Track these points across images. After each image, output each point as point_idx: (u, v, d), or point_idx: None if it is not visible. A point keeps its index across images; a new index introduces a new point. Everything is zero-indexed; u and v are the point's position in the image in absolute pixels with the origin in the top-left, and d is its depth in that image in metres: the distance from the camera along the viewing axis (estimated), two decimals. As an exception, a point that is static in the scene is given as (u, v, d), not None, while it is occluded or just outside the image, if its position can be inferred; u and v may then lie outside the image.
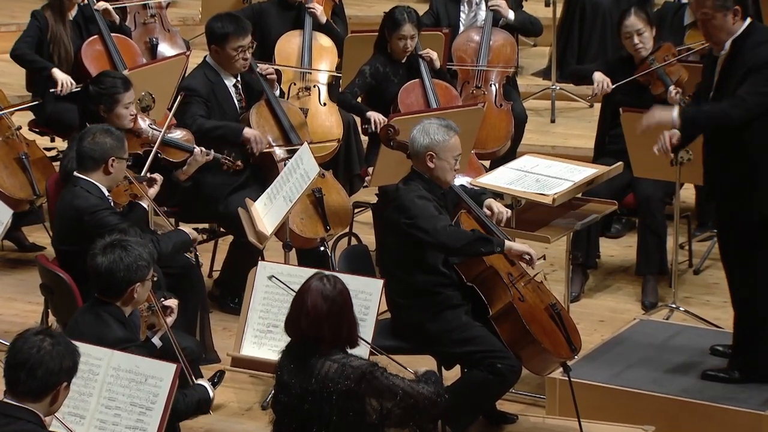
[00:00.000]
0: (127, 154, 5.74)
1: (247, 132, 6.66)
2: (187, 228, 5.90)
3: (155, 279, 4.97)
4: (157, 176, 5.97)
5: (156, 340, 5.05)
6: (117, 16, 7.54)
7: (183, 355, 4.87)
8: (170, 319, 5.17)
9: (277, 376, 4.34)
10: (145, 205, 5.85)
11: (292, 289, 5.08)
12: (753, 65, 5.49)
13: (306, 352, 4.25)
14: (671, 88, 6.85)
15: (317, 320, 4.24)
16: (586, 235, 6.87)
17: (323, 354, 4.23)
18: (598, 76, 6.95)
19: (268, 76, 6.92)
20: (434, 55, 7.20)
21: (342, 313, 4.28)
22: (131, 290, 4.79)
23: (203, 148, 6.41)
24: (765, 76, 5.46)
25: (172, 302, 5.16)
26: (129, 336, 4.78)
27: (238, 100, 6.84)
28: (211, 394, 4.85)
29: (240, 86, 6.86)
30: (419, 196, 5.33)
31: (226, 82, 6.80)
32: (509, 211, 5.68)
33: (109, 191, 5.69)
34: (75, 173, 5.68)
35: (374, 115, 6.95)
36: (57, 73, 7.18)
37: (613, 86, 6.82)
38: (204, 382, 4.92)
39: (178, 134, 6.52)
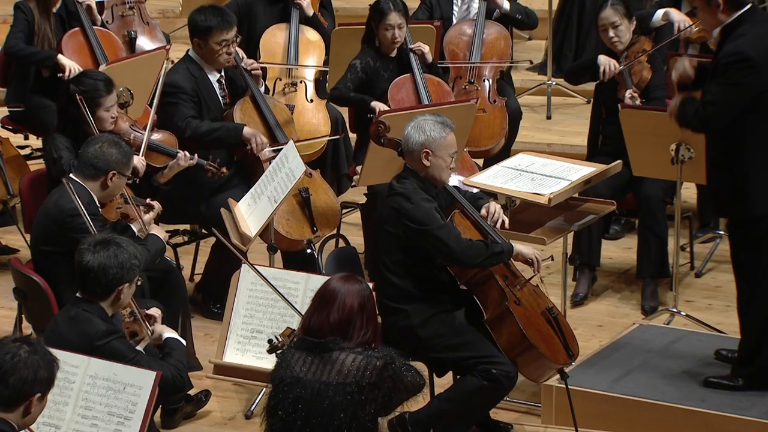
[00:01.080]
0: (130, 171, 5.71)
1: (247, 132, 6.64)
2: (157, 230, 5.87)
3: (140, 283, 4.96)
4: (156, 204, 5.93)
5: (140, 350, 5.04)
6: (99, 17, 7.54)
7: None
8: (156, 326, 5.16)
9: (281, 374, 4.31)
10: (135, 230, 5.83)
11: (267, 282, 5.08)
12: (718, 62, 5.49)
13: (327, 346, 4.29)
14: (629, 91, 6.77)
15: (351, 315, 4.31)
16: (587, 236, 6.87)
17: (345, 347, 4.30)
18: (603, 57, 6.90)
19: (253, 72, 6.92)
20: (426, 48, 7.20)
21: (373, 314, 4.39)
22: (119, 290, 4.81)
23: (186, 153, 6.40)
24: (724, 78, 5.42)
25: (156, 311, 5.15)
26: (112, 328, 4.78)
27: (221, 96, 6.83)
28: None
29: (224, 81, 6.85)
30: (422, 198, 5.34)
31: (210, 76, 6.79)
32: (506, 220, 5.67)
33: (100, 204, 5.68)
34: (71, 175, 5.66)
35: (379, 105, 6.94)
36: (63, 59, 7.15)
37: (621, 66, 6.78)
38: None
39: (159, 137, 6.50)
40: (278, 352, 4.41)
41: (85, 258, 4.81)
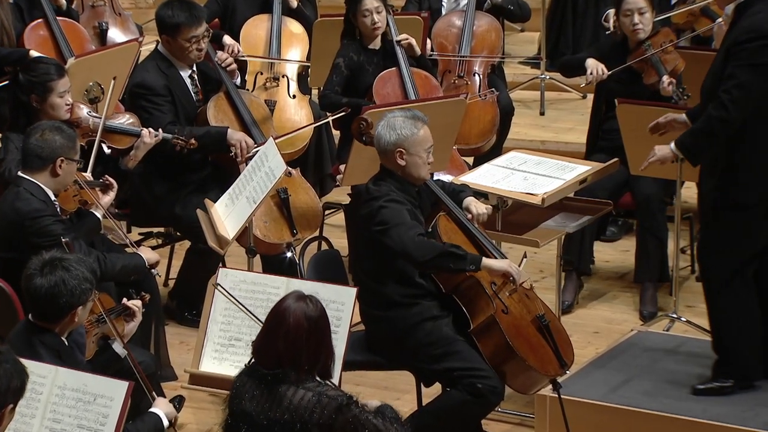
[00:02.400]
0: (79, 155, 5.68)
1: (233, 136, 6.61)
2: (147, 252, 5.86)
3: (96, 296, 4.90)
4: (112, 181, 5.91)
5: (118, 348, 5.02)
6: (64, 2, 7.51)
7: (140, 368, 4.84)
8: (132, 325, 5.14)
9: (232, 404, 4.30)
10: (99, 215, 5.80)
11: (239, 303, 5.08)
12: (732, 43, 5.42)
13: (276, 379, 4.24)
14: (665, 77, 6.85)
15: (297, 342, 4.24)
16: (579, 238, 6.89)
17: (296, 381, 4.22)
18: (591, 61, 6.96)
19: (228, 68, 6.89)
20: (413, 40, 7.21)
21: (323, 338, 4.29)
22: (72, 314, 4.73)
23: (151, 129, 6.35)
24: (744, 58, 5.36)
25: (133, 303, 5.13)
26: None
27: (194, 93, 6.82)
28: (165, 423, 4.75)
29: (196, 77, 6.84)
30: (391, 199, 5.33)
31: (181, 73, 6.77)
32: (489, 208, 5.67)
33: (55, 195, 5.64)
34: (19, 173, 5.63)
35: None
36: (35, 54, 7.11)
37: (609, 72, 6.84)
38: (159, 408, 4.77)
39: (121, 119, 6.46)
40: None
41: (32, 284, 4.68)
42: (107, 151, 6.47)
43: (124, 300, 5.21)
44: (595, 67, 6.90)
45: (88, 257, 5.17)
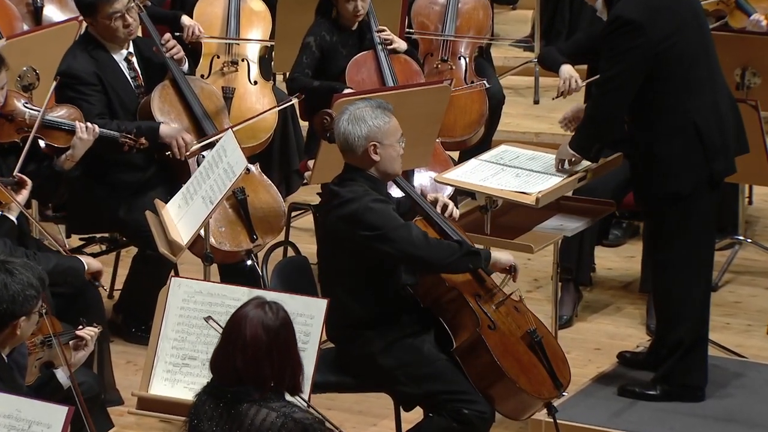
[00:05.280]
0: None
1: (165, 132, 6.58)
2: (89, 260, 5.85)
3: (44, 310, 4.89)
4: (24, 177, 5.88)
5: (62, 377, 5.02)
6: None
7: (81, 396, 4.84)
8: (81, 355, 5.14)
9: (190, 424, 4.31)
10: (13, 217, 5.79)
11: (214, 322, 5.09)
12: (604, 31, 5.86)
13: (237, 397, 4.24)
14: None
15: (257, 357, 4.23)
16: (578, 243, 6.91)
17: (259, 399, 4.22)
18: (565, 70, 6.84)
19: (175, 57, 6.85)
20: (397, 40, 7.20)
21: (288, 350, 4.28)
22: (14, 326, 4.72)
23: (87, 123, 6.33)
24: (607, 52, 5.80)
25: (88, 333, 5.13)
26: None
27: (132, 78, 6.78)
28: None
29: (135, 59, 6.81)
30: (374, 199, 5.34)
31: (114, 56, 6.74)
32: (452, 203, 5.71)
33: None
34: None
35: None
36: None
37: (583, 83, 6.80)
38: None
39: (60, 112, 6.44)
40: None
41: None
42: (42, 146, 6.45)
43: (87, 329, 5.20)
44: (568, 77, 6.79)
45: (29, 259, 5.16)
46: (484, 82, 7.58)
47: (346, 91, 6.86)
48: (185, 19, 7.42)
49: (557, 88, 6.85)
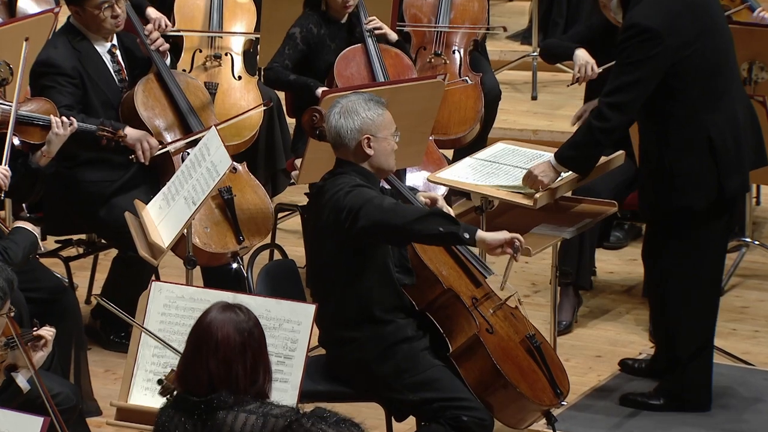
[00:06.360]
0: None
1: (130, 135, 6.54)
2: (21, 222, 5.82)
3: (13, 313, 4.89)
4: None
5: (22, 381, 5.00)
6: None
7: (53, 403, 4.83)
8: (40, 355, 5.12)
9: None
10: None
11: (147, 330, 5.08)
12: (619, 36, 5.76)
13: (210, 407, 4.23)
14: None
15: (231, 358, 4.23)
16: (577, 245, 6.92)
17: (233, 405, 4.22)
18: (580, 55, 6.87)
19: (160, 48, 6.86)
20: (387, 29, 7.20)
21: (260, 349, 4.28)
22: None
23: (63, 118, 6.33)
24: (621, 60, 5.71)
25: (47, 332, 5.12)
26: None
27: (115, 71, 6.79)
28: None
29: (119, 52, 6.81)
30: (355, 185, 5.34)
31: (98, 48, 6.75)
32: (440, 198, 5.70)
33: None
34: None
35: None
36: None
37: (600, 70, 6.82)
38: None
39: (32, 106, 6.42)
40: (170, 398, 4.36)
41: None
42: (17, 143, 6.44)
43: (44, 328, 5.19)
44: (584, 63, 6.81)
45: None
46: (466, 79, 7.58)
47: (321, 89, 6.88)
48: (150, 11, 7.38)
49: (572, 75, 6.86)
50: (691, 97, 5.73)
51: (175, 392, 4.34)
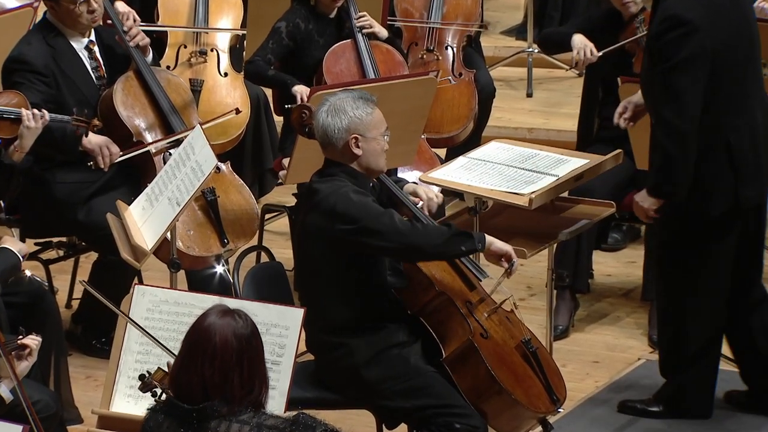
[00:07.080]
0: None
1: (91, 140, 6.50)
2: (10, 242, 5.81)
3: None
4: None
5: (5, 391, 5.00)
6: None
7: (34, 411, 4.82)
8: (25, 365, 5.12)
9: None
10: None
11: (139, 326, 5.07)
12: (650, 36, 5.67)
13: (203, 415, 4.21)
14: None
15: (227, 365, 4.22)
16: (574, 247, 6.91)
17: (227, 414, 4.21)
18: (578, 39, 6.92)
19: (140, 44, 6.83)
20: (376, 25, 7.20)
21: (257, 358, 4.28)
22: None
23: (34, 110, 6.30)
24: (664, 62, 5.57)
25: (32, 341, 5.11)
26: None
27: (93, 68, 6.76)
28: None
29: (97, 48, 6.78)
30: (352, 190, 5.34)
31: (74, 44, 6.72)
32: (440, 195, 5.68)
33: None
34: None
35: (303, 91, 6.92)
36: None
37: (600, 53, 6.82)
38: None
39: (2, 99, 6.38)
40: (154, 395, 4.35)
41: None
42: None
43: (29, 337, 5.18)
44: (582, 46, 6.84)
45: None
46: (449, 79, 7.57)
47: (297, 87, 6.88)
48: (119, 5, 7.33)
49: (572, 58, 6.87)
50: (715, 101, 5.64)
51: (156, 390, 4.33)
